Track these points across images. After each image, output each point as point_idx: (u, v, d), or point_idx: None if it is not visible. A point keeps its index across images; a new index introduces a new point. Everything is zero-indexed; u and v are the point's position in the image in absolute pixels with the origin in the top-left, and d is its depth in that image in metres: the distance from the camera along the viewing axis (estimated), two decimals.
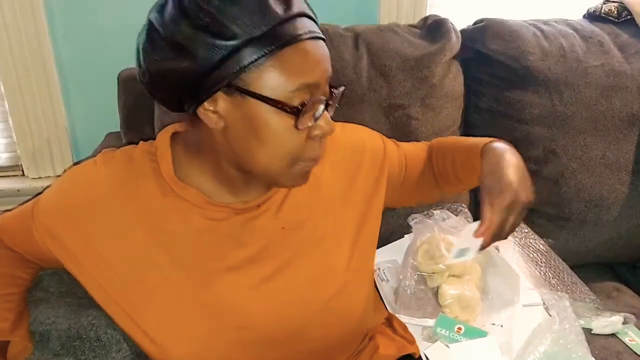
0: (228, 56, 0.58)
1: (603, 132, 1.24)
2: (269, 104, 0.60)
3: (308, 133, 0.64)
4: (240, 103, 0.61)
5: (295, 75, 0.60)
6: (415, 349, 0.93)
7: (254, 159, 0.64)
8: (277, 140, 0.63)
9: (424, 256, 1.01)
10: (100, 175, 0.72)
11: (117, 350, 0.82)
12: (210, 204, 0.70)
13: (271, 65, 0.59)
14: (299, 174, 0.67)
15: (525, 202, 0.74)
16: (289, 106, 0.60)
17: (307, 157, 0.66)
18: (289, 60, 0.60)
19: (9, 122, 1.47)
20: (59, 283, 0.87)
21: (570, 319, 0.96)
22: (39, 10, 1.35)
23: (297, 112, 0.61)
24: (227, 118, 0.63)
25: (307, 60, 0.61)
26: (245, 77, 0.60)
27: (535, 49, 1.23)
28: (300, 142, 0.64)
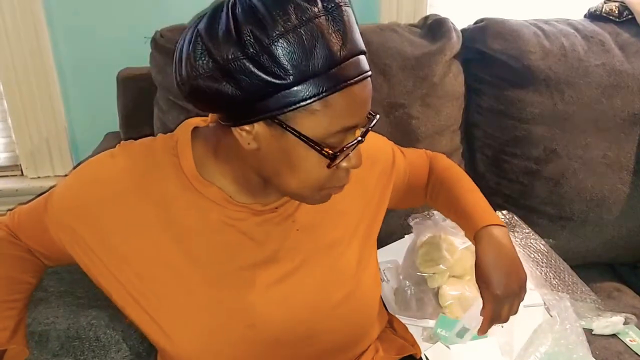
0: (276, 92, 0.58)
1: (604, 132, 1.24)
2: (308, 144, 0.61)
3: (338, 167, 0.66)
4: (279, 136, 0.61)
5: (340, 119, 0.61)
6: (417, 350, 0.93)
7: (283, 182, 0.66)
8: (309, 174, 0.64)
9: (425, 257, 1.01)
10: (119, 168, 0.71)
11: (117, 350, 0.82)
12: (230, 203, 0.71)
13: (319, 108, 0.59)
14: (325, 197, 0.69)
15: (517, 290, 0.83)
16: (326, 150, 0.61)
17: (334, 186, 0.68)
18: (337, 105, 0.60)
19: (8, 121, 1.47)
20: (58, 283, 0.87)
21: (571, 320, 0.96)
22: (38, 10, 1.35)
23: (333, 158, 0.62)
24: (262, 143, 0.63)
25: (355, 104, 0.61)
26: (291, 114, 0.60)
27: (536, 49, 1.23)
28: (330, 176, 0.66)
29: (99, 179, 0.71)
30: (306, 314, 0.74)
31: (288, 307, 0.73)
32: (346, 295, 0.76)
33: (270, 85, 0.57)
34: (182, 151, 0.71)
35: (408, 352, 0.91)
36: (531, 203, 1.25)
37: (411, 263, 1.01)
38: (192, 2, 1.40)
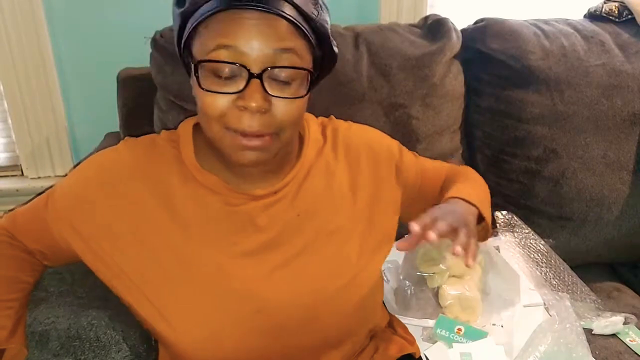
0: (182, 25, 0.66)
1: (604, 132, 1.24)
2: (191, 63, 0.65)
3: (232, 101, 0.63)
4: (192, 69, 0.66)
5: (214, 38, 0.62)
6: (416, 349, 0.93)
7: (202, 126, 0.68)
8: (200, 103, 0.65)
9: (424, 257, 1.01)
10: (123, 160, 0.73)
11: (117, 350, 0.82)
12: (229, 190, 0.72)
13: (203, 29, 0.63)
14: (234, 145, 0.65)
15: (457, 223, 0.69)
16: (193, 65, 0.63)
17: (232, 127, 0.64)
18: (215, 25, 0.62)
19: (8, 121, 1.47)
20: (59, 283, 0.87)
21: (570, 319, 0.96)
22: (38, 9, 1.35)
23: (195, 69, 0.63)
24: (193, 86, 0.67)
25: (228, 25, 0.61)
26: (193, 42, 0.65)
27: (536, 49, 1.23)
28: (221, 107, 0.63)
29: (102, 170, 0.73)
30: (310, 299, 0.74)
31: (292, 292, 0.73)
32: (348, 282, 0.76)
33: (178, 15, 0.66)
34: (183, 143, 0.73)
35: (407, 351, 0.92)
36: (531, 203, 1.25)
37: (411, 263, 1.01)
38: None
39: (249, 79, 0.61)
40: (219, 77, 0.62)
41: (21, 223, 0.80)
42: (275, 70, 0.62)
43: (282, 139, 0.67)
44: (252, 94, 0.62)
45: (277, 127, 0.65)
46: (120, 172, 0.72)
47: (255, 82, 0.62)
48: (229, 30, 0.61)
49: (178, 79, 1.14)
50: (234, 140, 0.65)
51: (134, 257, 0.70)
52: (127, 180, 0.72)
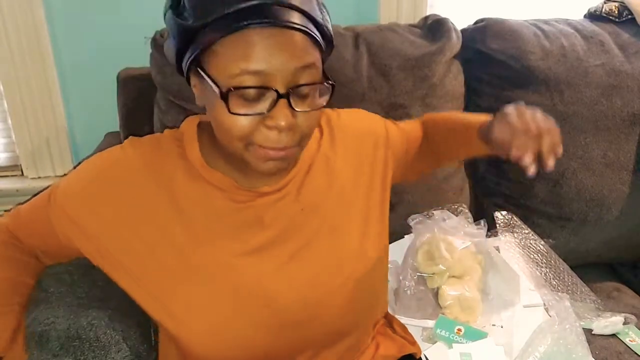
0: (192, 38, 0.63)
1: (604, 132, 1.24)
2: (214, 85, 0.62)
3: (262, 120, 0.63)
4: (203, 83, 0.65)
5: (237, 62, 0.61)
6: (417, 349, 0.93)
7: (219, 139, 0.67)
8: (221, 122, 0.64)
9: (424, 257, 1.01)
10: (128, 157, 0.73)
11: (117, 350, 0.82)
12: (235, 188, 0.72)
13: (220, 48, 0.61)
14: (259, 158, 0.66)
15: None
16: (221, 90, 0.61)
17: (260, 144, 0.64)
18: (233, 47, 0.61)
19: (8, 122, 1.47)
20: (58, 283, 0.87)
21: (570, 320, 0.96)
22: (38, 10, 1.35)
23: (225, 98, 0.61)
24: (200, 97, 0.68)
25: (253, 49, 0.60)
26: (204, 58, 0.63)
27: (536, 49, 1.23)
28: (246, 127, 0.63)
29: (108, 168, 0.73)
30: (316, 293, 0.74)
31: (299, 286, 0.74)
32: (353, 273, 0.77)
33: (182, 28, 0.62)
34: (188, 141, 0.73)
35: (408, 351, 0.92)
36: (531, 203, 1.25)
37: (411, 263, 1.01)
38: None
39: (277, 99, 0.62)
40: (245, 99, 0.62)
41: (24, 221, 0.79)
42: (300, 88, 0.63)
43: (302, 146, 0.69)
44: (281, 114, 0.62)
45: (300, 139, 0.66)
46: (125, 171, 0.72)
47: (283, 101, 0.62)
48: (251, 53, 0.60)
49: (178, 79, 1.13)
50: (259, 153, 0.65)
51: (138, 256, 0.70)
52: (132, 178, 0.72)
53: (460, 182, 1.28)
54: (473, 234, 1.06)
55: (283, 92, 0.62)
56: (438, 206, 1.15)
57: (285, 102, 0.62)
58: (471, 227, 1.09)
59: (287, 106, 0.62)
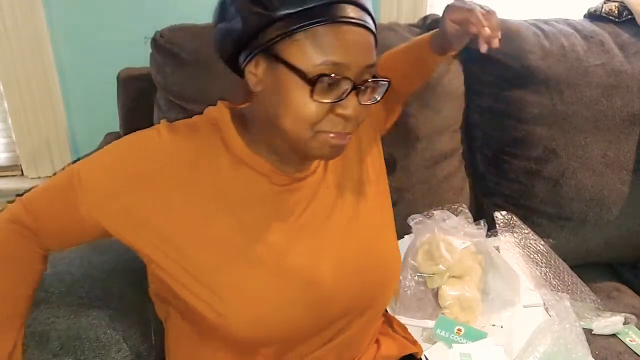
0: (269, 24, 0.66)
1: (604, 132, 1.24)
2: (293, 72, 0.66)
3: (331, 109, 0.68)
4: (274, 68, 0.67)
5: (322, 52, 0.65)
6: (418, 348, 0.93)
7: (282, 125, 0.69)
8: (297, 108, 0.67)
9: (424, 257, 1.01)
10: (167, 143, 0.73)
11: (117, 350, 0.82)
12: (275, 173, 0.76)
13: (304, 38, 0.65)
14: (323, 145, 0.70)
15: None
16: (307, 76, 0.65)
17: (327, 130, 0.69)
18: (322, 38, 0.65)
19: (8, 121, 1.47)
20: (59, 283, 0.87)
21: (570, 319, 0.96)
22: (38, 10, 1.35)
23: (313, 84, 0.65)
24: (263, 82, 0.69)
25: (339, 42, 0.66)
26: (281, 45, 0.66)
27: (536, 49, 1.23)
28: (320, 114, 0.68)
29: (148, 150, 0.73)
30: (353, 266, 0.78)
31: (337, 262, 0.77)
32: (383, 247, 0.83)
33: (260, 16, 0.66)
34: (225, 128, 0.76)
35: (409, 351, 0.92)
36: (531, 203, 1.25)
37: (411, 263, 1.01)
38: (192, 2, 1.40)
39: (350, 90, 0.67)
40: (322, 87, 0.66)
41: (36, 207, 0.78)
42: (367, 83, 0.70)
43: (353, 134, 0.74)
44: (351, 104, 0.68)
45: (357, 128, 0.73)
46: (167, 154, 0.73)
47: (353, 93, 0.68)
48: (337, 46, 0.66)
49: (178, 79, 1.14)
50: (325, 140, 0.70)
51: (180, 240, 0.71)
52: (174, 162, 0.72)
53: (460, 182, 1.28)
54: (473, 234, 1.06)
55: (357, 84, 0.68)
56: (438, 206, 1.15)
57: (355, 94, 0.68)
58: (471, 227, 1.09)
59: (356, 99, 0.69)
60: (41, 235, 0.77)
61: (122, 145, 0.75)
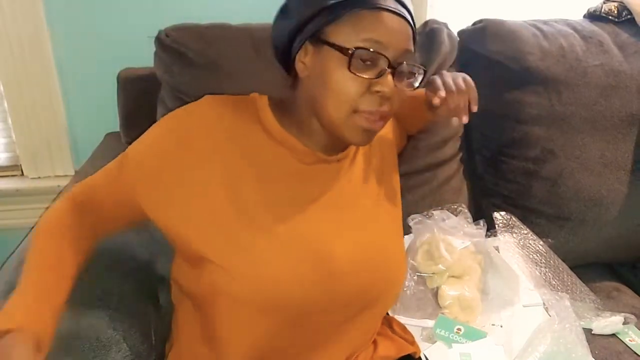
0: (318, 13, 0.73)
1: (602, 132, 1.24)
2: (335, 50, 0.72)
3: (367, 86, 0.73)
4: (320, 52, 0.75)
5: (364, 31, 0.72)
6: (416, 349, 0.93)
7: (323, 105, 0.75)
8: (336, 85, 0.73)
9: (424, 257, 1.01)
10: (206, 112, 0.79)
11: (117, 350, 0.82)
12: (303, 151, 0.81)
13: (348, 21, 0.73)
14: (359, 127, 0.75)
15: None
16: (345, 51, 0.72)
17: (365, 110, 0.74)
18: (363, 20, 0.73)
19: (8, 121, 1.47)
20: None
21: (570, 319, 0.96)
22: (38, 10, 1.35)
23: (351, 55, 0.71)
24: (310, 67, 0.76)
25: (380, 24, 0.73)
26: (328, 30, 0.74)
27: (535, 49, 1.23)
28: (358, 92, 0.73)
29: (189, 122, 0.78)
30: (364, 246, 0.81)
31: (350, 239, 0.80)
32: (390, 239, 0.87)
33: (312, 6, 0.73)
34: (261, 107, 0.82)
35: (407, 351, 0.92)
36: (529, 203, 1.25)
37: (410, 263, 1.01)
38: (192, 2, 1.41)
39: (387, 68, 0.73)
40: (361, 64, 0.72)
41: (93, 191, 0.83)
42: (405, 65, 0.76)
43: (386, 123, 0.79)
44: (387, 81, 0.73)
45: (389, 114, 0.77)
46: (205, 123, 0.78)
47: (389, 72, 0.73)
48: (378, 28, 0.72)
49: (186, 78, 1.14)
50: (358, 120, 0.75)
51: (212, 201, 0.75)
52: (212, 129, 0.78)
53: (459, 182, 1.28)
54: (472, 234, 1.06)
55: (395, 65, 0.73)
56: (437, 206, 1.15)
57: (391, 73, 0.74)
58: (470, 227, 1.09)
59: (392, 79, 0.74)
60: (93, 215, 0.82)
61: (165, 120, 0.80)
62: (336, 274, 0.77)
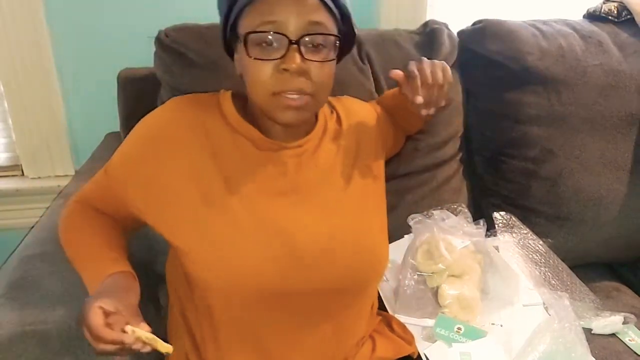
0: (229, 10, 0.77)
1: (601, 132, 1.24)
2: (240, 41, 0.76)
3: (277, 67, 0.74)
4: (239, 47, 0.78)
5: (260, 15, 0.74)
6: (414, 349, 0.93)
7: (251, 96, 0.79)
8: (248, 73, 0.77)
9: (424, 256, 1.01)
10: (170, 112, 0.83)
11: None
12: (261, 138, 0.83)
13: (247, 11, 0.75)
14: (282, 107, 0.76)
15: None
16: (241, 36, 0.75)
17: (279, 89, 0.75)
18: (259, 5, 0.74)
19: (8, 122, 1.47)
20: (59, 283, 0.87)
21: (570, 319, 0.96)
22: (38, 10, 1.35)
23: (245, 41, 0.74)
24: (238, 63, 0.81)
25: (273, 4, 0.73)
26: (240, 24, 0.77)
27: (534, 49, 1.23)
28: (267, 73, 0.75)
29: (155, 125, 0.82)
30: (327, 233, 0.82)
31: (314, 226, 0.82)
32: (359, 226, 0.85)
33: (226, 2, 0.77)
34: (223, 101, 0.85)
35: (405, 353, 0.93)
36: (529, 203, 1.25)
37: (410, 263, 1.01)
38: (192, 2, 1.41)
39: (289, 45, 0.74)
40: (262, 47, 0.74)
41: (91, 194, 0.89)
42: (309, 37, 0.75)
43: (318, 100, 0.79)
44: (292, 58, 0.74)
45: (313, 89, 0.76)
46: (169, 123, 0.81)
47: (294, 48, 0.74)
48: (272, 9, 0.73)
49: (187, 79, 1.14)
50: (279, 101, 0.76)
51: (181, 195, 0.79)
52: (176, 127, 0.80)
53: (458, 182, 1.28)
54: (472, 234, 1.06)
55: (295, 39, 0.73)
56: (437, 206, 1.15)
57: (296, 49, 0.74)
58: (470, 226, 1.09)
59: (298, 53, 0.74)
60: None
61: (137, 126, 0.84)
62: (302, 257, 0.79)
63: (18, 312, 0.81)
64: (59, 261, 0.88)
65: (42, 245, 0.97)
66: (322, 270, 0.80)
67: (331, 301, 0.83)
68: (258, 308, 0.79)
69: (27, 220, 1.39)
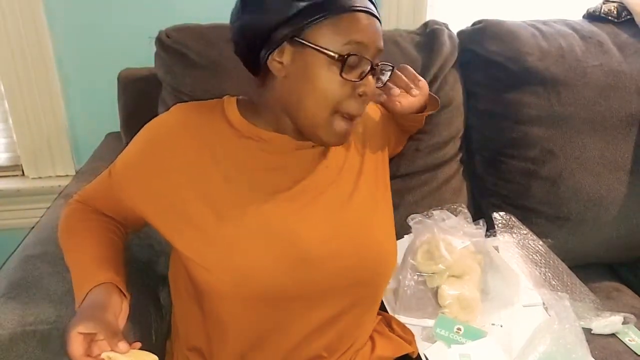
0: (297, 14, 0.73)
1: (601, 132, 1.24)
2: (322, 54, 0.73)
3: (352, 89, 0.75)
4: (301, 54, 0.74)
5: (346, 33, 0.73)
6: (414, 348, 0.93)
7: (304, 106, 0.76)
8: (324, 88, 0.74)
9: (424, 256, 1.01)
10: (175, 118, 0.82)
11: None
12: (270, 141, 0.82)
13: (329, 24, 0.73)
14: (338, 129, 0.77)
15: None
16: (337, 55, 0.73)
17: (347, 111, 0.76)
18: (342, 22, 0.73)
19: (9, 122, 1.47)
20: (60, 283, 0.87)
21: (570, 319, 0.96)
22: (39, 10, 1.35)
23: (343, 61, 0.73)
24: (289, 68, 0.76)
25: (358, 25, 0.74)
26: (308, 32, 0.73)
27: (534, 50, 1.23)
28: (344, 94, 0.75)
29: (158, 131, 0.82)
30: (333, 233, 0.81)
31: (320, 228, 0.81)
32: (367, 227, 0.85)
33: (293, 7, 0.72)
34: (227, 106, 0.84)
35: (404, 352, 0.92)
36: (529, 203, 1.25)
37: (410, 263, 1.01)
38: (192, 2, 1.41)
39: (370, 70, 0.75)
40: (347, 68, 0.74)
41: (92, 197, 0.89)
42: (381, 64, 0.79)
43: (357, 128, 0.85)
44: (371, 82, 0.77)
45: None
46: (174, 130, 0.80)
47: (371, 74, 0.76)
48: (357, 29, 0.74)
49: (188, 79, 1.14)
50: (342, 126, 0.77)
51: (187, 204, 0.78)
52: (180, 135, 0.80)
53: (458, 183, 1.28)
54: (472, 234, 1.06)
55: (375, 65, 0.76)
56: (437, 207, 1.16)
57: (373, 74, 0.77)
58: (470, 226, 1.09)
59: (374, 79, 0.77)
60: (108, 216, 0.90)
61: (141, 132, 0.84)
62: (307, 259, 0.78)
63: (19, 312, 0.81)
64: (59, 261, 0.88)
65: (43, 246, 0.97)
66: (329, 272, 0.79)
67: (337, 303, 0.82)
68: (263, 309, 0.79)
69: (28, 220, 1.39)
